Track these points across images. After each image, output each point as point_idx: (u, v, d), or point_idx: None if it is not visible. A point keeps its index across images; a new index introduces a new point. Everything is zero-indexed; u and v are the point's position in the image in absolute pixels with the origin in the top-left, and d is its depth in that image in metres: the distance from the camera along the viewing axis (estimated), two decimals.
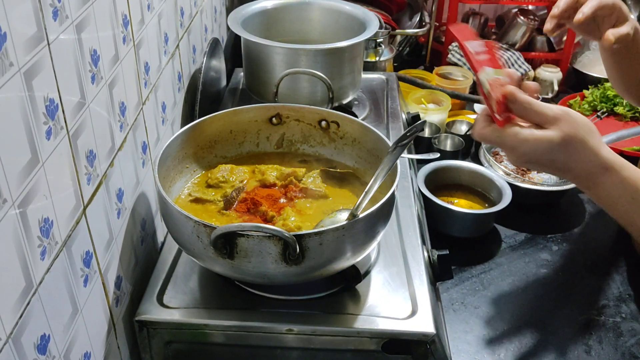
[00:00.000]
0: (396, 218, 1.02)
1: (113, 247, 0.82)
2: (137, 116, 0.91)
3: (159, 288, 0.88)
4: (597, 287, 1.23)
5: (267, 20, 1.40)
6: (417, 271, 0.92)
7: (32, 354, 0.60)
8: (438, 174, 1.41)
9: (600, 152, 0.73)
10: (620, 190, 0.73)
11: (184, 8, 1.18)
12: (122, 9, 0.83)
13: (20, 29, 0.56)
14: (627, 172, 0.73)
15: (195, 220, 0.75)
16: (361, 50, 1.31)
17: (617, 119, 1.83)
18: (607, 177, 0.73)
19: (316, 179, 0.99)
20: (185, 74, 1.22)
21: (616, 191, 0.73)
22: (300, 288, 0.88)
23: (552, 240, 1.35)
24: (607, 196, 0.75)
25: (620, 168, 0.73)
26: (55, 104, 0.63)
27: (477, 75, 0.75)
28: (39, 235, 0.60)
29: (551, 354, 1.07)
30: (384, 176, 0.73)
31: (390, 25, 1.79)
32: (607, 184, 0.73)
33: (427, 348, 0.82)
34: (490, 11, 2.20)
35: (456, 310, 1.16)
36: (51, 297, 0.63)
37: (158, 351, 0.86)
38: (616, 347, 1.09)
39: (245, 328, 0.83)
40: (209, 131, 1.01)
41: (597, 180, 0.74)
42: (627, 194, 0.73)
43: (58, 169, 0.64)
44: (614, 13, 1.01)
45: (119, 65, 0.82)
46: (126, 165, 0.87)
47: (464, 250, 1.31)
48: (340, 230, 0.76)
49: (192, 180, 1.00)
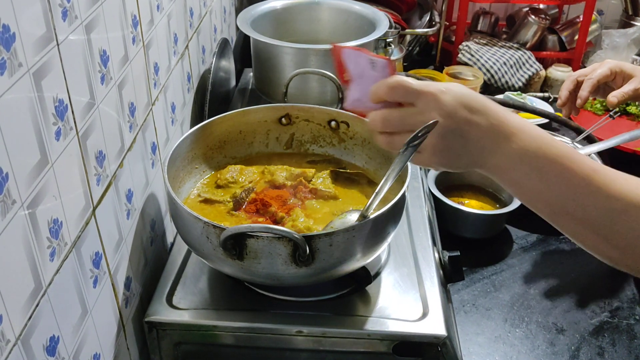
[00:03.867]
0: (407, 219, 1.02)
1: (122, 248, 0.82)
2: (146, 117, 0.91)
3: (169, 289, 0.88)
4: (610, 289, 1.21)
5: (277, 21, 1.40)
6: (427, 272, 0.91)
7: (42, 355, 0.60)
8: (448, 174, 1.40)
9: (500, 114, 0.64)
10: (524, 161, 0.63)
11: (193, 8, 1.17)
12: (131, 9, 0.83)
13: (30, 29, 0.56)
14: (528, 136, 0.64)
15: (205, 221, 0.75)
16: (371, 50, 1.30)
17: (629, 119, 1.81)
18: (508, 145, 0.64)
19: (326, 180, 0.98)
20: (195, 74, 1.22)
21: (519, 163, 0.64)
22: (310, 289, 0.87)
23: (564, 241, 1.33)
24: (509, 169, 0.64)
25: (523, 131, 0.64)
26: (64, 105, 0.63)
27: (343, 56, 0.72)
28: (48, 236, 0.60)
29: (564, 356, 1.06)
30: (395, 177, 0.72)
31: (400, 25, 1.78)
32: (509, 152, 0.64)
33: (439, 350, 0.81)
34: (500, 10, 2.18)
35: (467, 312, 1.15)
36: (60, 299, 0.63)
37: (167, 352, 0.86)
38: (630, 349, 1.08)
39: (254, 329, 0.83)
40: (218, 132, 1.01)
41: (497, 150, 0.64)
42: (532, 165, 0.63)
43: (67, 169, 0.64)
44: (617, 76, 1.07)
45: (129, 66, 0.82)
46: (135, 166, 0.86)
47: (475, 252, 1.30)
48: (350, 231, 0.75)
49: (201, 181, 1.00)
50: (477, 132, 0.64)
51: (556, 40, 1.99)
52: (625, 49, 1.94)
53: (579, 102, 1.08)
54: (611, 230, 0.63)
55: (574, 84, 1.11)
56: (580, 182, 0.62)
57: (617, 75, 1.07)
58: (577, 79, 1.11)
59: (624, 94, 1.04)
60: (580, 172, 0.63)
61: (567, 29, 1.98)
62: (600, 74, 1.07)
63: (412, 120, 0.64)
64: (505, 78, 1.82)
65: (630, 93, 1.04)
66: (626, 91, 1.04)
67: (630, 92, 1.04)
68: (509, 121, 0.64)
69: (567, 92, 1.11)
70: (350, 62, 0.73)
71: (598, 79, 1.07)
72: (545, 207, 0.66)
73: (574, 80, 1.12)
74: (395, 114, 0.66)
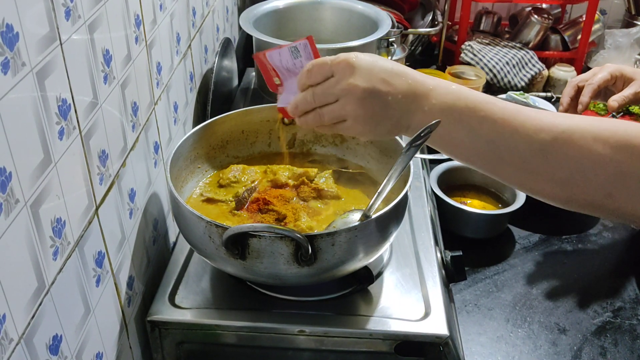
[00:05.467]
0: (409, 219, 1.01)
1: (125, 247, 0.82)
2: (149, 116, 0.91)
3: (171, 288, 0.88)
4: (612, 289, 1.21)
5: (279, 20, 1.40)
6: (430, 272, 0.91)
7: (44, 354, 0.60)
8: (451, 174, 1.40)
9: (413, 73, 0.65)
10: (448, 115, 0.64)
11: (195, 8, 1.18)
12: (134, 8, 0.83)
13: (33, 28, 0.56)
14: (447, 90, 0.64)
15: (207, 221, 0.75)
16: (373, 49, 1.30)
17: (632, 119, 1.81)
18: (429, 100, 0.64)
19: (328, 179, 0.98)
20: (197, 73, 1.22)
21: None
22: (312, 289, 0.87)
23: (566, 241, 1.33)
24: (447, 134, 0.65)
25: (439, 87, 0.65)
26: (67, 104, 0.63)
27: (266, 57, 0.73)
28: (51, 236, 0.60)
29: (566, 356, 1.06)
30: (397, 177, 0.73)
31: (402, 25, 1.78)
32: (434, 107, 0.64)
33: (441, 350, 0.81)
34: (503, 10, 2.18)
35: (469, 312, 1.15)
36: (63, 298, 0.63)
37: (170, 351, 0.86)
38: (632, 349, 1.08)
39: (256, 329, 0.83)
40: (220, 131, 1.01)
41: (418, 109, 0.65)
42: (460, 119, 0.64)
43: (70, 169, 0.64)
44: (617, 80, 1.07)
45: (131, 65, 0.82)
46: (138, 165, 0.86)
47: (477, 251, 1.30)
48: (352, 231, 0.75)
49: (203, 180, 1.00)
50: (395, 92, 0.65)
51: (559, 40, 1.99)
52: (628, 49, 1.94)
53: (580, 108, 1.08)
54: (547, 165, 0.62)
55: (574, 90, 1.11)
56: (504, 124, 0.62)
57: (617, 79, 1.07)
58: (577, 84, 1.11)
59: (625, 98, 1.04)
60: (502, 115, 0.63)
61: (570, 29, 1.98)
62: (601, 79, 1.07)
63: (333, 90, 0.66)
64: (508, 78, 1.82)
65: (631, 97, 1.04)
66: (627, 95, 1.04)
67: (630, 95, 1.04)
68: (425, 80, 0.65)
69: (568, 97, 1.12)
70: (275, 61, 0.74)
71: (598, 84, 1.07)
72: (479, 158, 0.66)
73: (575, 86, 1.12)
74: (317, 90, 0.67)
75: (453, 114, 0.64)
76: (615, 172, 0.59)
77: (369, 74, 0.64)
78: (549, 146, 0.61)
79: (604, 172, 0.60)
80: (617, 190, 0.60)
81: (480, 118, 0.63)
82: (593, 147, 0.60)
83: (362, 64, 0.65)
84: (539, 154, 0.62)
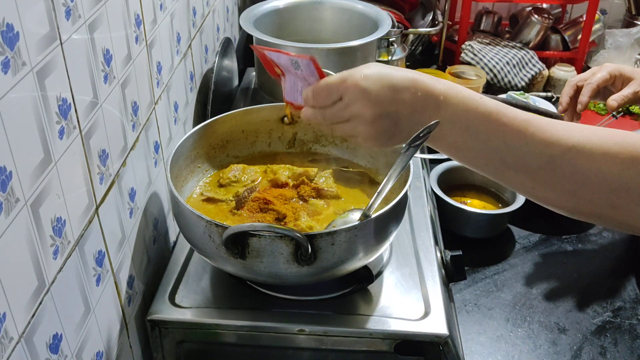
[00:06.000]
0: (409, 218, 1.02)
1: (125, 246, 0.82)
2: (149, 116, 0.91)
3: (171, 287, 0.88)
4: (612, 289, 1.21)
5: (279, 20, 1.40)
6: (429, 272, 0.91)
7: (45, 353, 0.60)
8: (451, 173, 1.40)
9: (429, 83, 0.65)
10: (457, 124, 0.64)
11: (196, 8, 1.18)
12: (134, 8, 0.83)
13: (33, 28, 0.56)
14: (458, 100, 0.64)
15: (207, 220, 0.75)
16: (373, 49, 1.30)
17: (632, 119, 1.81)
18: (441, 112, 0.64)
19: (328, 179, 0.98)
20: (198, 73, 1.22)
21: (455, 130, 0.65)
22: (312, 288, 0.87)
23: (566, 241, 1.33)
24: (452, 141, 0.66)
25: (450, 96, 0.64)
26: (67, 104, 0.63)
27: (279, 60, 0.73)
28: (52, 235, 0.61)
29: (565, 356, 1.06)
30: (397, 176, 0.73)
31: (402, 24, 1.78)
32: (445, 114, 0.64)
33: (440, 349, 0.81)
34: (503, 10, 2.18)
35: (469, 312, 1.15)
36: (63, 297, 0.63)
37: (170, 351, 0.86)
38: (632, 349, 1.08)
39: (256, 328, 0.83)
40: (221, 131, 1.01)
41: (428, 121, 0.64)
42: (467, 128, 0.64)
43: (71, 168, 0.65)
44: (616, 79, 1.07)
45: (132, 65, 0.82)
46: (138, 165, 0.87)
47: (477, 251, 1.30)
48: (352, 230, 0.75)
49: (204, 180, 1.00)
50: (405, 109, 0.65)
51: (559, 39, 1.99)
52: (629, 49, 1.94)
53: (579, 107, 1.08)
54: (555, 176, 0.62)
55: (574, 90, 1.11)
56: (514, 134, 0.63)
57: (616, 79, 1.07)
58: (576, 84, 1.11)
59: (624, 97, 1.04)
60: (513, 125, 0.63)
61: (570, 29, 1.98)
62: (600, 78, 1.07)
63: (344, 114, 0.67)
64: (508, 77, 1.82)
65: (630, 96, 1.04)
66: (626, 94, 1.04)
67: (629, 95, 1.04)
68: (434, 88, 0.65)
69: (567, 97, 1.12)
70: (274, 58, 0.74)
71: (598, 84, 1.07)
72: (487, 164, 0.66)
73: (574, 86, 1.12)
74: (327, 113, 0.68)
75: (463, 124, 0.64)
76: (621, 186, 0.60)
77: (378, 97, 0.64)
78: (558, 159, 0.62)
79: (610, 186, 0.60)
80: (623, 202, 0.61)
81: (491, 128, 0.63)
82: (602, 162, 0.60)
83: (371, 86, 0.64)
84: (547, 166, 0.62)
